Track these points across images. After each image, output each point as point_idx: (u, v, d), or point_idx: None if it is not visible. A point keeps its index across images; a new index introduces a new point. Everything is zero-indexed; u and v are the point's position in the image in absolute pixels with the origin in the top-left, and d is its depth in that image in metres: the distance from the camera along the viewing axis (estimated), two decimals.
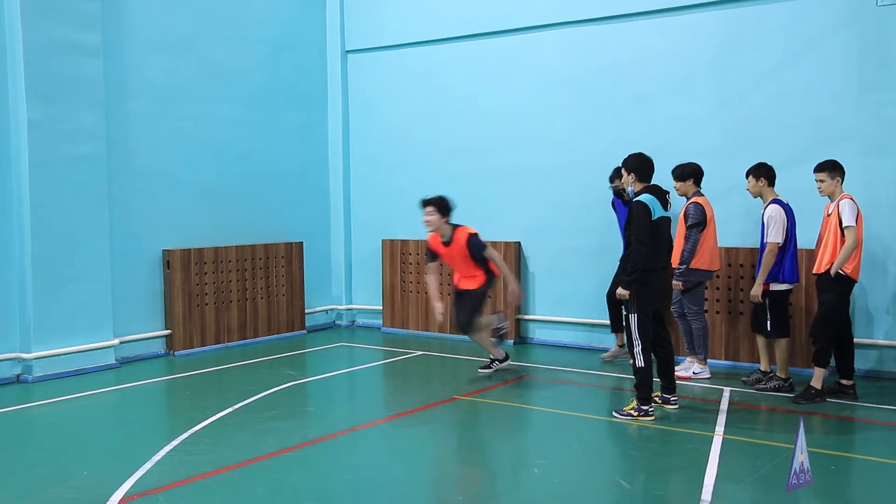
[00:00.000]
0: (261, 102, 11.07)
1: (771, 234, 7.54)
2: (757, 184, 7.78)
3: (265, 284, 10.89)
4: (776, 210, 7.58)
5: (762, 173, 7.77)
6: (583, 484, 5.55)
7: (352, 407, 8.03)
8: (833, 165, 7.29)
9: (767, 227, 7.58)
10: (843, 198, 7.19)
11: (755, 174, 7.79)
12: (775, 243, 7.52)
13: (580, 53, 10.02)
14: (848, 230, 7.04)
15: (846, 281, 7.18)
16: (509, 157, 10.53)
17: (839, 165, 7.32)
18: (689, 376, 8.27)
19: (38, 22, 8.50)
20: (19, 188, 8.52)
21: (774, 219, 7.54)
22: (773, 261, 7.57)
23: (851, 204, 7.11)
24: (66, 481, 5.54)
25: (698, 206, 8.04)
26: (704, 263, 8.12)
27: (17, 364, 8.60)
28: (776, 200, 7.68)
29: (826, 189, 7.29)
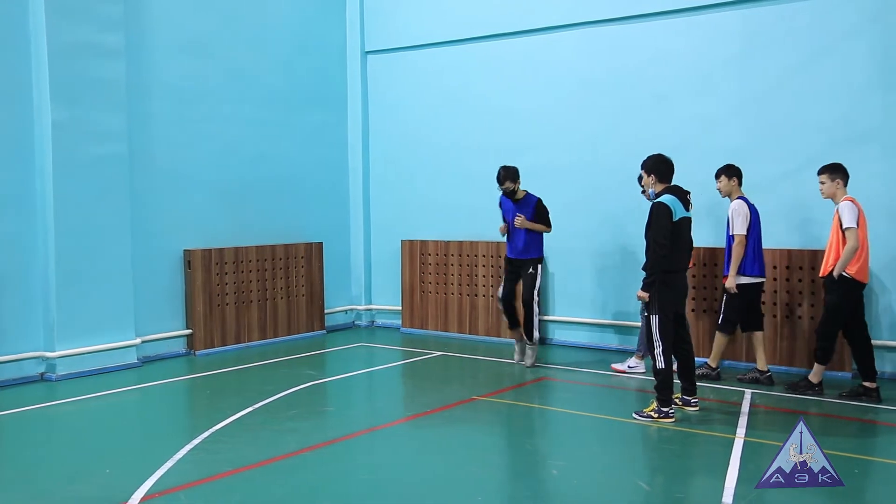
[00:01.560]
0: (281, 103, 11.12)
1: (736, 227, 7.85)
2: (729, 183, 8.07)
3: (285, 284, 10.94)
4: (739, 204, 7.91)
5: (733, 173, 8.08)
6: (602, 486, 5.53)
7: (371, 407, 8.05)
8: (833, 168, 7.41)
9: (732, 222, 7.89)
10: (844, 200, 7.28)
11: (727, 174, 8.07)
12: (742, 235, 7.82)
13: (599, 54, 10.00)
14: (848, 232, 7.13)
15: (851, 283, 7.25)
16: (528, 157, 10.50)
17: (840, 168, 7.42)
18: (625, 369, 8.67)
19: (62, 24, 8.59)
20: (43, 189, 8.61)
21: (738, 212, 7.86)
22: (742, 252, 7.84)
23: (852, 206, 7.19)
24: (89, 479, 5.60)
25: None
26: None
27: (41, 363, 8.69)
28: (741, 198, 8.00)
29: (827, 191, 7.43)
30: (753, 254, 7.93)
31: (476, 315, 10.84)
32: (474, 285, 10.83)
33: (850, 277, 7.23)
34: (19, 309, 8.51)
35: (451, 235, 11.15)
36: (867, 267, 7.40)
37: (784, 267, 8.67)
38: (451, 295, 11.10)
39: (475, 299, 10.84)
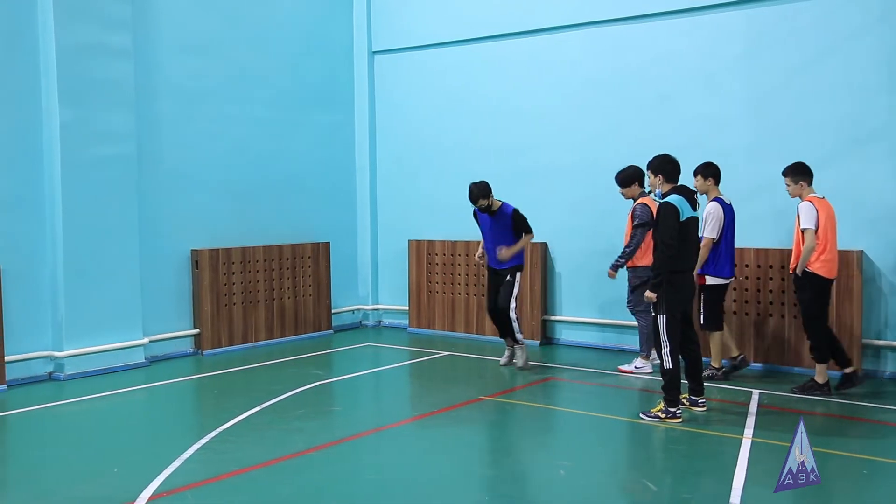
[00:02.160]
0: (288, 103, 11.13)
1: (707, 230, 7.89)
2: (705, 182, 8.08)
3: (292, 284, 10.95)
4: (715, 207, 7.94)
5: (710, 172, 8.09)
6: (608, 485, 5.53)
7: (378, 407, 8.05)
8: (796, 169, 7.60)
9: (705, 223, 7.91)
10: (805, 200, 7.48)
11: (703, 173, 8.08)
12: (710, 238, 7.89)
13: (605, 53, 9.99)
14: (806, 232, 7.36)
15: (818, 279, 7.45)
16: (535, 157, 10.51)
17: (803, 168, 7.59)
18: (632, 370, 8.67)
19: (70, 25, 8.62)
20: (52, 189, 8.64)
21: (712, 216, 7.91)
22: (706, 255, 7.91)
23: (810, 206, 7.39)
24: (97, 478, 5.62)
25: (645, 206, 8.33)
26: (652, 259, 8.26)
27: (49, 362, 8.72)
28: (718, 199, 8.03)
29: (793, 192, 7.63)
30: (726, 255, 8.01)
31: (483, 315, 10.83)
32: (481, 285, 10.82)
33: (814, 274, 7.44)
34: (28, 308, 8.54)
35: (458, 235, 11.15)
36: (833, 263, 7.52)
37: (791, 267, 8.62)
38: (458, 295, 11.10)
39: (482, 299, 10.82)
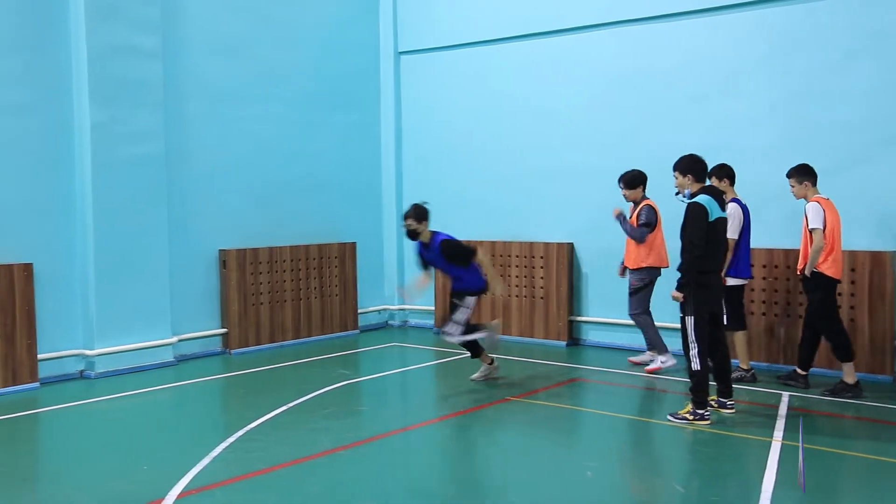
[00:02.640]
0: (315, 104, 11.18)
1: (728, 231, 7.73)
2: (720, 184, 8.06)
3: (319, 284, 11.00)
4: (735, 208, 7.92)
5: (725, 173, 8.11)
6: (636, 487, 5.49)
7: (404, 407, 8.06)
8: (800, 170, 7.66)
9: None
10: (812, 200, 7.55)
11: (718, 175, 8.05)
12: (732, 239, 7.85)
13: (632, 53, 9.93)
14: (814, 232, 7.43)
15: (826, 279, 7.51)
16: (561, 157, 10.47)
17: (807, 169, 7.64)
18: (658, 366, 8.75)
19: (101, 27, 8.72)
20: (83, 189, 8.75)
21: (733, 216, 7.83)
22: (730, 256, 7.88)
23: (818, 207, 7.46)
24: (127, 475, 5.68)
25: (652, 209, 8.70)
26: (654, 261, 8.76)
27: (80, 360, 8.83)
28: (735, 200, 8.05)
29: (798, 193, 7.71)
30: (745, 255, 8.04)
31: (509, 315, 10.82)
32: (507, 285, 10.80)
33: (822, 274, 7.50)
34: (60, 307, 8.65)
35: (483, 235, 11.14)
36: (840, 263, 7.58)
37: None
38: (484, 296, 11.05)
39: (508, 299, 10.81)
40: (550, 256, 10.44)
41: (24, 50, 8.41)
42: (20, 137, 8.39)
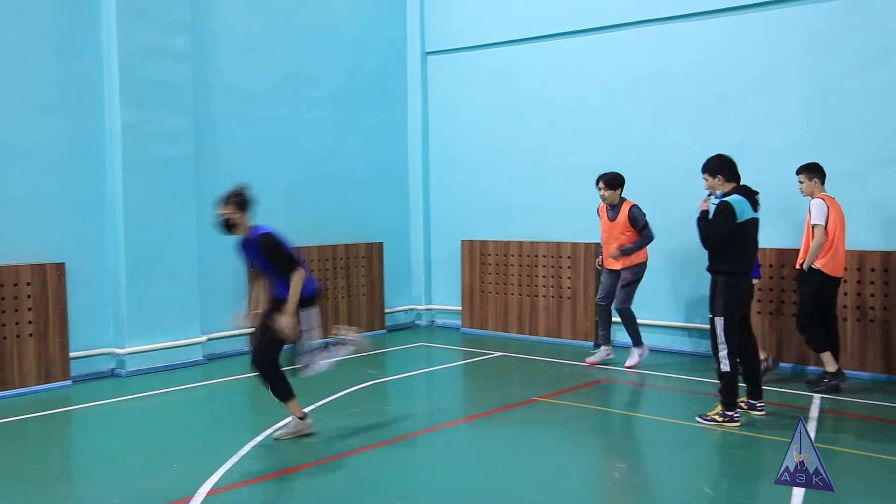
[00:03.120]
0: (342, 104, 11.23)
1: None
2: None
3: (346, 284, 11.04)
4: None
5: None
6: (664, 489, 5.46)
7: (431, 407, 8.07)
8: (810, 168, 7.82)
9: None
10: (817, 197, 7.71)
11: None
12: None
13: (658, 52, 9.87)
14: (816, 228, 7.58)
15: (821, 276, 7.66)
16: (587, 157, 10.42)
17: (817, 167, 7.81)
18: (638, 360, 8.96)
19: (132, 29, 8.82)
20: (114, 189, 8.85)
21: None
22: None
23: (822, 203, 7.61)
24: (157, 472, 5.73)
25: (640, 207, 8.90)
26: (644, 257, 8.99)
27: (111, 359, 8.93)
28: None
29: (806, 190, 7.85)
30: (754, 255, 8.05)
31: (536, 315, 10.80)
32: (534, 286, 10.78)
33: (819, 270, 7.63)
34: (91, 306, 8.76)
35: (510, 235, 11.12)
36: (840, 262, 7.70)
37: (855, 269, 8.42)
38: (510, 295, 11.07)
39: (535, 300, 10.79)
40: (578, 256, 10.40)
41: (57, 53, 8.53)
42: (53, 139, 8.51)
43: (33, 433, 6.91)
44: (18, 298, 8.07)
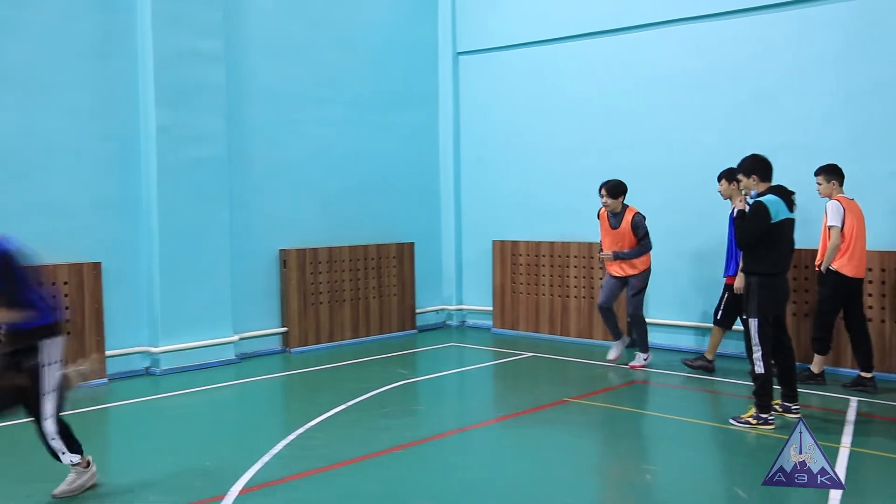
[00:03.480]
0: (373, 104, 11.26)
1: None
2: (729, 187, 8.28)
3: (377, 284, 11.07)
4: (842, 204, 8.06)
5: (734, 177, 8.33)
6: (697, 492, 5.40)
7: (462, 407, 8.07)
8: (829, 169, 7.86)
9: None
10: (834, 199, 7.77)
11: (728, 178, 8.27)
12: None
13: (692, 51, 9.77)
14: (831, 230, 7.67)
15: (839, 277, 7.69)
16: (621, 157, 10.35)
17: (836, 169, 7.84)
18: (642, 364, 9.03)
19: (167, 32, 8.92)
20: (148, 190, 8.96)
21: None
22: None
23: (838, 206, 7.69)
24: (191, 470, 5.79)
25: (643, 216, 8.97)
26: (650, 263, 9.07)
27: (146, 357, 9.04)
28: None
29: (824, 191, 7.90)
30: None
31: (567, 316, 10.75)
32: (566, 286, 10.74)
33: (837, 272, 7.68)
34: (126, 305, 8.87)
35: (542, 236, 11.09)
36: (860, 262, 7.72)
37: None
38: (542, 296, 11.04)
39: (566, 300, 10.75)
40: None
41: (94, 56, 8.65)
42: (90, 140, 8.64)
43: None
44: (56, 297, 8.18)
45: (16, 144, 8.13)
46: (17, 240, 5.09)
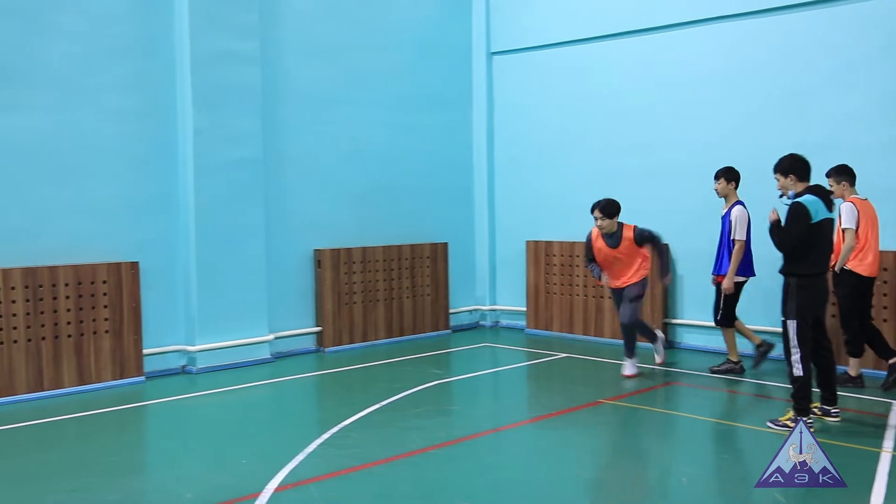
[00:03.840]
0: (407, 105, 11.29)
1: (738, 233, 8.36)
2: (727, 186, 8.53)
3: (411, 284, 11.10)
4: (741, 211, 8.40)
5: (732, 176, 8.55)
6: (734, 497, 5.34)
7: (496, 407, 8.05)
8: (840, 170, 7.88)
9: (734, 226, 8.40)
10: (847, 200, 7.79)
11: (726, 177, 8.52)
12: (742, 241, 8.36)
13: (729, 49, 9.66)
14: (846, 232, 7.70)
15: (855, 277, 7.73)
16: (655, 156, 10.27)
17: (847, 169, 7.86)
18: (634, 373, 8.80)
19: (204, 34, 9.01)
20: (185, 191, 9.06)
21: (741, 219, 8.37)
22: (741, 256, 8.40)
23: (852, 207, 7.71)
24: (227, 468, 5.85)
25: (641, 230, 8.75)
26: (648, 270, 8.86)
27: (182, 356, 9.15)
28: (740, 202, 8.50)
29: (836, 193, 7.82)
30: (747, 255, 8.52)
31: (602, 317, 10.69)
32: (600, 287, 10.67)
33: (852, 271, 7.74)
34: (164, 305, 8.98)
35: (576, 236, 11.01)
36: (874, 262, 7.74)
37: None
38: (576, 296, 10.98)
39: (601, 301, 10.68)
40: None
41: (134, 59, 8.77)
42: (128, 141, 8.76)
43: (109, 427, 7.12)
44: (95, 296, 8.33)
45: (56, 145, 8.28)
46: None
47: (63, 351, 8.11)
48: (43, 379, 7.99)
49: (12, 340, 7.80)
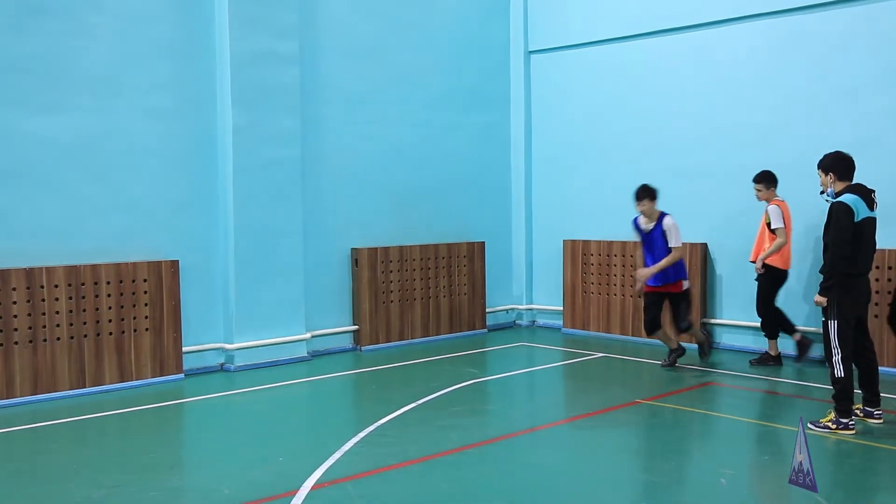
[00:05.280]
0: (445, 104, 11.29)
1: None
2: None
3: (448, 283, 11.11)
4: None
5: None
6: (774, 498, 5.26)
7: (532, 407, 8.03)
8: (766, 176, 8.82)
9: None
10: (773, 203, 8.73)
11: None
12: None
13: (773, 47, 9.51)
14: (777, 231, 8.61)
15: (775, 270, 8.78)
16: (696, 156, 10.16)
17: (772, 175, 8.82)
18: None
19: (244, 34, 9.10)
20: (224, 190, 9.16)
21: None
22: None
23: (778, 209, 8.64)
24: (265, 465, 5.90)
25: None
26: None
27: (221, 354, 9.25)
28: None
29: (763, 196, 8.87)
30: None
31: (639, 317, 10.58)
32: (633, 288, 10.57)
33: (773, 266, 8.72)
34: (203, 303, 9.10)
35: (613, 236, 10.95)
36: (789, 256, 8.75)
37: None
38: (613, 296, 10.91)
39: (638, 301, 10.58)
40: (684, 257, 10.14)
41: (174, 59, 8.89)
42: (169, 141, 8.88)
43: (149, 424, 7.23)
44: (136, 294, 8.46)
45: (97, 145, 8.41)
46: None
47: (104, 348, 8.25)
48: (85, 376, 8.13)
49: (55, 338, 7.95)
